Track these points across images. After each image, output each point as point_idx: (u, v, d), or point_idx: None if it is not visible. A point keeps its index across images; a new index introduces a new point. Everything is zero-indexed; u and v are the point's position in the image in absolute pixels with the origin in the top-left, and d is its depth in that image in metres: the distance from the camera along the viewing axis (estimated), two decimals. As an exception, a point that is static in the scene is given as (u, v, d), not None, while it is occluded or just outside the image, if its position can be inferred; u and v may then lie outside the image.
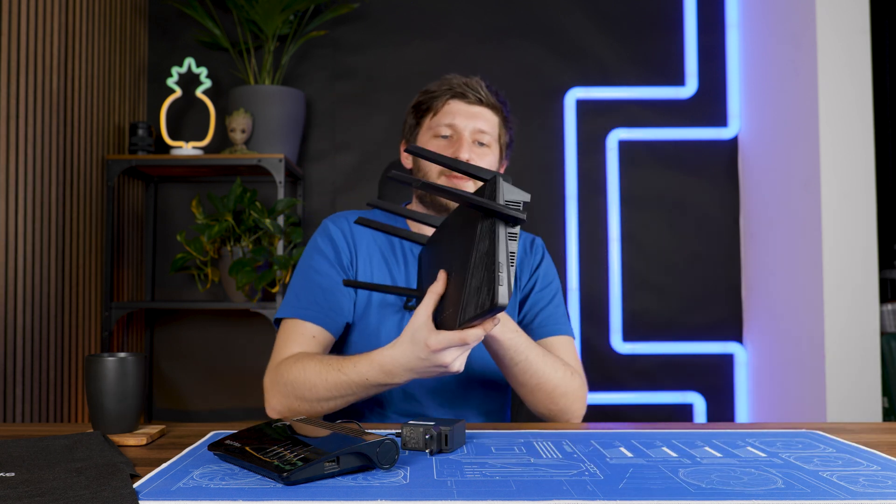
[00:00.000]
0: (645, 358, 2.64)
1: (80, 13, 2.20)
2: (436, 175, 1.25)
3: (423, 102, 1.31)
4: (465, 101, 1.27)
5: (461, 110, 1.27)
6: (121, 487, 0.72)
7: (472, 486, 0.75)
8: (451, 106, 1.27)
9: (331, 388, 1.09)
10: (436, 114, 1.28)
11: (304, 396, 1.12)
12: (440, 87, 1.29)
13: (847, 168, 2.07)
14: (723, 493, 0.72)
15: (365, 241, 1.29)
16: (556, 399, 1.18)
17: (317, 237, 1.30)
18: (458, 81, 1.28)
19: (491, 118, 1.29)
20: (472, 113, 1.27)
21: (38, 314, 1.98)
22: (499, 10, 2.70)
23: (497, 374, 1.29)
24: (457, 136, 1.26)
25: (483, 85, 1.29)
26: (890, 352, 2.21)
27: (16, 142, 1.88)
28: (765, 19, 2.48)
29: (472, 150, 1.25)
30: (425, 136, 1.29)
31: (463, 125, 1.26)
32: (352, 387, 1.08)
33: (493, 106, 1.30)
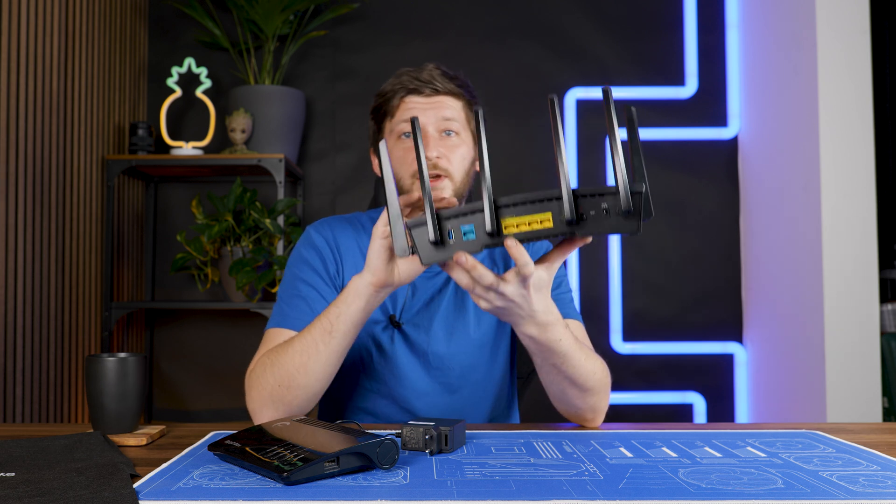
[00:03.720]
0: (645, 358, 2.64)
1: (80, 13, 2.20)
2: (409, 180, 1.18)
3: (380, 106, 1.24)
4: (422, 95, 1.20)
5: (419, 104, 1.19)
6: (121, 487, 0.72)
7: (472, 486, 0.75)
8: (407, 104, 1.20)
9: (303, 335, 1.04)
10: (394, 115, 1.21)
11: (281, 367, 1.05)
12: (393, 86, 1.21)
13: (847, 168, 2.07)
14: (723, 493, 0.72)
15: (350, 249, 1.25)
16: (587, 397, 1.08)
17: (300, 247, 1.25)
18: (409, 77, 1.21)
19: (453, 105, 1.21)
20: (432, 104, 1.19)
21: (38, 314, 1.98)
22: (499, 10, 2.70)
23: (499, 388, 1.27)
24: (421, 134, 1.19)
25: (437, 73, 1.21)
26: (890, 352, 2.21)
27: (16, 142, 1.88)
28: (765, 19, 2.48)
29: (441, 143, 1.18)
30: (389, 140, 1.22)
31: (424, 120, 1.18)
32: (319, 318, 1.03)
33: (453, 92, 1.21)
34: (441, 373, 1.23)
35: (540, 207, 0.82)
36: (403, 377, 1.22)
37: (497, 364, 1.27)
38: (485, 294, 0.89)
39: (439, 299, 1.23)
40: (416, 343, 1.22)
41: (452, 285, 1.25)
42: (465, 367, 1.23)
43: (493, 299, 0.89)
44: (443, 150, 1.18)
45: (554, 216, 0.82)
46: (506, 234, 0.83)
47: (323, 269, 1.22)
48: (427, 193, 0.85)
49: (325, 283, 1.21)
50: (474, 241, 0.84)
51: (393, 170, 1.19)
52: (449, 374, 1.23)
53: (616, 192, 0.81)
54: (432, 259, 0.86)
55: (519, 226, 0.83)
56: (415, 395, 1.22)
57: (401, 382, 1.22)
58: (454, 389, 1.24)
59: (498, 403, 1.29)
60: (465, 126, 1.23)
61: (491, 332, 1.25)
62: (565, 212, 0.81)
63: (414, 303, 1.23)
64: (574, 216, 0.81)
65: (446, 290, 1.24)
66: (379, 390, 1.23)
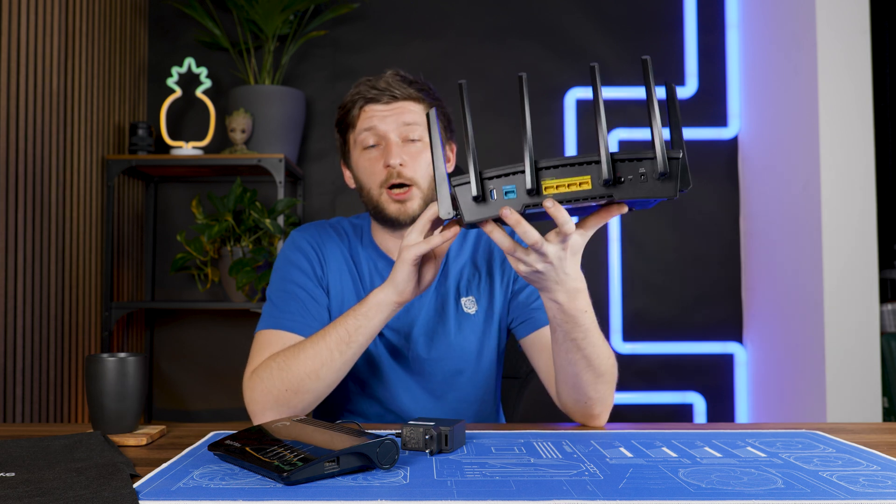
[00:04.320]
0: (645, 358, 2.64)
1: (80, 13, 2.20)
2: (377, 190, 1.19)
3: (342, 119, 1.24)
4: (381, 103, 1.19)
5: (378, 113, 1.19)
6: (121, 487, 0.72)
7: (472, 486, 0.75)
8: (366, 112, 1.20)
9: (316, 341, 1.05)
10: (355, 126, 1.21)
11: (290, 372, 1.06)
12: (352, 97, 1.22)
13: (847, 168, 2.07)
14: (723, 493, 0.72)
15: (333, 254, 1.26)
16: (599, 384, 1.08)
17: (287, 250, 1.26)
18: (366, 87, 1.20)
19: (414, 109, 1.20)
20: (392, 111, 1.19)
21: (38, 314, 1.98)
22: (499, 10, 2.70)
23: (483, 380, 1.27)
24: (384, 143, 1.19)
25: (395, 80, 1.21)
26: (890, 352, 2.21)
27: (16, 142, 1.88)
28: (765, 19, 2.48)
29: (404, 150, 1.18)
30: (355, 151, 1.23)
31: (385, 128, 1.19)
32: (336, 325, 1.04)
33: (412, 97, 1.21)
34: (424, 378, 1.23)
35: (579, 170, 0.84)
36: (388, 381, 1.23)
37: (481, 370, 1.26)
38: (525, 257, 0.89)
39: (419, 306, 1.24)
40: (398, 348, 1.23)
41: (432, 291, 1.25)
42: (447, 372, 1.23)
43: (533, 261, 0.89)
44: (406, 157, 1.18)
45: (593, 179, 0.83)
46: (545, 194, 0.84)
47: (311, 271, 1.23)
48: (472, 151, 0.85)
49: (315, 285, 1.22)
50: (515, 201, 0.85)
51: (362, 181, 1.21)
52: (431, 380, 1.23)
53: (654, 158, 0.83)
54: (475, 216, 0.86)
55: (558, 187, 0.84)
56: (400, 397, 1.23)
57: (385, 386, 1.23)
58: (438, 395, 1.24)
59: (483, 407, 1.29)
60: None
61: (473, 338, 1.24)
62: (603, 172, 0.82)
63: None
64: (612, 177, 0.82)
65: (426, 297, 1.24)
66: (366, 392, 1.24)
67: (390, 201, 1.19)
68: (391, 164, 1.17)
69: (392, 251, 1.25)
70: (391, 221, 1.20)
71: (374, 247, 1.27)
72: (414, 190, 1.18)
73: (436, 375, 1.23)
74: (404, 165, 1.17)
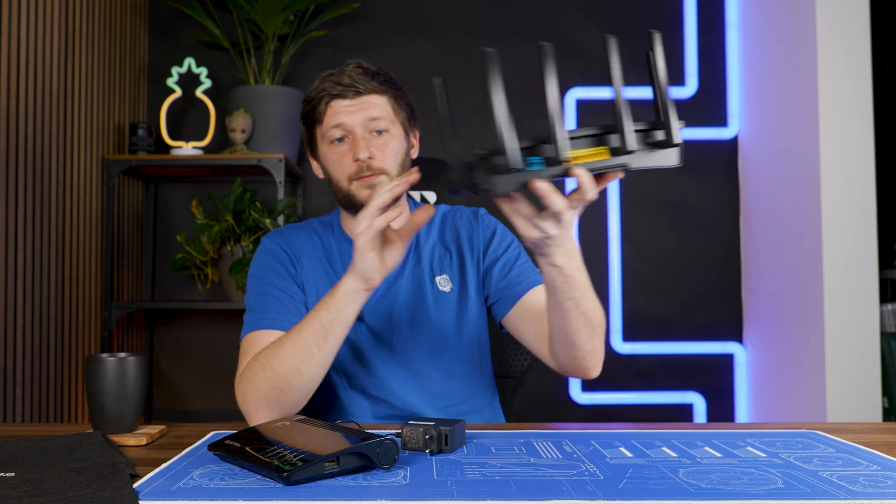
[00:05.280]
0: (645, 358, 2.64)
1: (80, 13, 2.20)
2: (347, 182, 1.21)
3: (307, 114, 1.26)
4: (346, 98, 1.22)
5: (344, 108, 1.22)
6: (121, 487, 0.72)
7: (472, 486, 0.75)
8: (333, 108, 1.23)
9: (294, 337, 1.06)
10: (322, 121, 1.24)
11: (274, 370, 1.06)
12: (317, 92, 1.24)
13: (847, 168, 2.07)
14: (723, 493, 0.72)
15: (305, 251, 1.28)
16: (594, 338, 1.12)
17: (258, 257, 1.28)
18: (331, 82, 1.23)
19: (378, 102, 1.24)
20: (357, 106, 1.22)
21: (38, 314, 1.98)
22: (499, 10, 2.70)
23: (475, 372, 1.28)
24: (351, 137, 1.22)
25: (358, 73, 1.24)
26: (890, 352, 2.21)
27: (16, 142, 1.88)
28: (765, 19, 2.48)
29: (372, 143, 1.21)
30: (322, 145, 1.25)
31: (351, 122, 1.21)
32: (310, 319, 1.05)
33: (376, 90, 1.24)
34: (407, 359, 1.25)
35: (596, 141, 0.90)
36: (371, 367, 1.24)
37: (463, 345, 1.28)
38: (542, 222, 0.92)
39: (396, 288, 1.26)
40: (380, 333, 1.25)
41: (407, 273, 1.28)
42: (430, 350, 1.25)
43: (549, 227, 0.93)
44: (374, 149, 1.21)
45: (610, 149, 0.90)
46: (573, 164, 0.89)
47: (284, 270, 1.25)
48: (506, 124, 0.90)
49: (290, 283, 1.24)
50: (542, 171, 0.88)
51: (331, 174, 1.24)
52: (416, 360, 1.25)
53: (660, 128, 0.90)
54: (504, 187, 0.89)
55: (579, 158, 0.89)
56: (386, 381, 1.24)
57: (371, 373, 1.24)
58: (424, 374, 1.25)
59: (469, 383, 1.29)
60: (394, 120, 1.25)
61: (451, 314, 1.27)
62: (627, 143, 0.87)
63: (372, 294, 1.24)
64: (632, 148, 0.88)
65: (402, 279, 1.27)
66: (351, 384, 1.25)
67: (360, 187, 1.21)
68: (360, 159, 1.20)
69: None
70: (360, 207, 1.21)
71: (346, 237, 1.30)
72: (382, 176, 1.21)
73: (420, 354, 1.25)
74: (373, 158, 1.21)
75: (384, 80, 1.27)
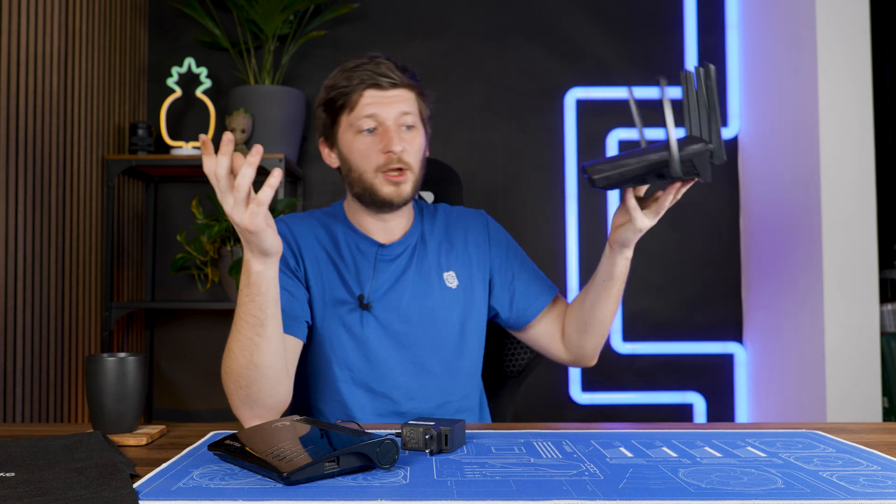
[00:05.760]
0: (645, 358, 2.64)
1: (80, 13, 2.20)
2: (371, 173, 1.21)
3: (336, 99, 1.24)
4: (381, 89, 1.22)
5: (379, 99, 1.21)
6: (121, 487, 0.72)
7: (472, 486, 0.75)
8: (367, 98, 1.21)
9: (234, 333, 1.04)
10: (353, 109, 1.22)
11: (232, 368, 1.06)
12: (350, 80, 1.22)
13: (847, 168, 2.07)
14: (723, 493, 0.72)
15: (309, 243, 1.26)
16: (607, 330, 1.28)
17: None
18: (368, 72, 1.22)
19: (409, 97, 1.24)
20: (391, 98, 1.22)
21: (38, 314, 1.98)
22: (499, 10, 2.70)
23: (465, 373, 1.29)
24: (382, 129, 1.21)
25: (392, 65, 1.24)
26: (890, 352, 2.21)
27: (16, 141, 1.88)
28: (765, 19, 2.48)
29: (402, 137, 1.21)
30: (347, 133, 1.23)
31: (385, 115, 1.21)
32: (238, 313, 1.03)
33: (408, 85, 1.24)
34: (411, 351, 1.25)
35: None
36: (375, 359, 1.23)
37: (466, 343, 1.29)
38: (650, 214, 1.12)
39: (404, 281, 1.26)
40: (386, 323, 1.24)
41: (414, 266, 1.28)
42: (435, 345, 1.26)
43: (653, 219, 1.13)
44: (405, 144, 1.22)
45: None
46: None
47: (283, 263, 1.23)
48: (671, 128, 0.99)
49: (288, 276, 1.22)
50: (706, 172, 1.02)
51: (354, 164, 1.24)
52: (420, 353, 1.25)
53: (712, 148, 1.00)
54: (709, 177, 1.01)
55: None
56: (389, 377, 1.24)
57: (373, 365, 1.24)
58: (427, 369, 1.25)
59: (470, 381, 1.31)
60: (419, 117, 1.26)
61: (456, 311, 1.28)
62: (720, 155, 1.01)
63: (379, 284, 1.25)
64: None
65: (409, 271, 1.27)
66: (352, 378, 1.24)
67: (386, 183, 1.21)
68: (393, 151, 1.19)
69: (371, 231, 1.28)
70: (381, 203, 1.23)
71: (351, 226, 1.29)
72: (409, 174, 1.22)
73: (426, 349, 1.25)
74: (404, 151, 1.21)
75: (412, 75, 1.27)
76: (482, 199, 2.62)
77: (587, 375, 2.61)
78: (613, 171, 1.04)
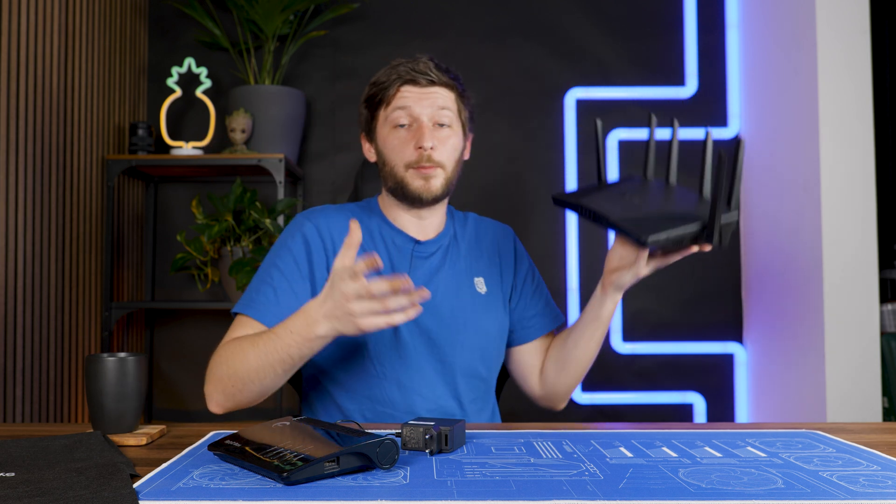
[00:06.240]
0: (645, 358, 2.64)
1: (80, 13, 2.20)
2: (403, 168, 1.22)
3: (375, 94, 1.26)
4: (417, 86, 1.23)
5: (414, 95, 1.23)
6: (121, 487, 0.72)
7: (472, 486, 0.75)
8: (403, 93, 1.23)
9: (261, 355, 1.07)
10: (389, 104, 1.24)
11: (236, 372, 1.09)
12: (389, 76, 1.25)
13: (847, 168, 2.07)
14: (723, 493, 0.72)
15: (343, 236, 1.25)
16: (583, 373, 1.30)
17: (287, 234, 1.26)
18: (406, 67, 1.24)
19: (447, 95, 1.25)
20: (427, 95, 1.23)
21: (38, 314, 1.98)
22: (499, 10, 2.70)
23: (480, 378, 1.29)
24: (416, 125, 1.22)
25: (432, 65, 1.25)
26: (890, 352, 2.21)
27: (16, 141, 1.88)
28: (765, 19, 2.48)
29: (434, 135, 1.22)
30: (384, 128, 1.25)
31: (419, 111, 1.22)
32: (278, 346, 1.06)
33: (447, 84, 1.25)
34: (443, 351, 1.24)
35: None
36: (406, 355, 1.23)
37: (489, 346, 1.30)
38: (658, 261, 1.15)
39: (437, 278, 1.27)
40: (418, 319, 1.23)
41: (447, 267, 1.28)
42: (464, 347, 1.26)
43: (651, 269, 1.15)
44: (436, 141, 1.22)
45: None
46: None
47: (305, 260, 1.23)
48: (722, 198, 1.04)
49: (301, 276, 1.22)
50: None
51: (387, 158, 1.25)
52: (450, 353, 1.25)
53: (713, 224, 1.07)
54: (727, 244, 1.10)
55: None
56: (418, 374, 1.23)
57: (404, 361, 1.23)
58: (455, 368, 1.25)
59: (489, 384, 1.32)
60: (457, 117, 1.27)
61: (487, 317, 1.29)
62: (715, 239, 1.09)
63: (414, 280, 1.24)
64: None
65: (442, 271, 1.28)
66: (383, 373, 1.23)
67: (416, 177, 1.22)
68: (423, 147, 1.20)
69: (406, 227, 1.28)
70: (412, 198, 1.24)
71: (387, 220, 1.29)
72: (439, 170, 1.23)
73: (455, 348, 1.25)
74: (434, 149, 1.21)
75: (453, 76, 1.28)
76: (482, 199, 2.62)
77: (587, 375, 2.60)
78: (664, 237, 1.06)
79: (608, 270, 1.18)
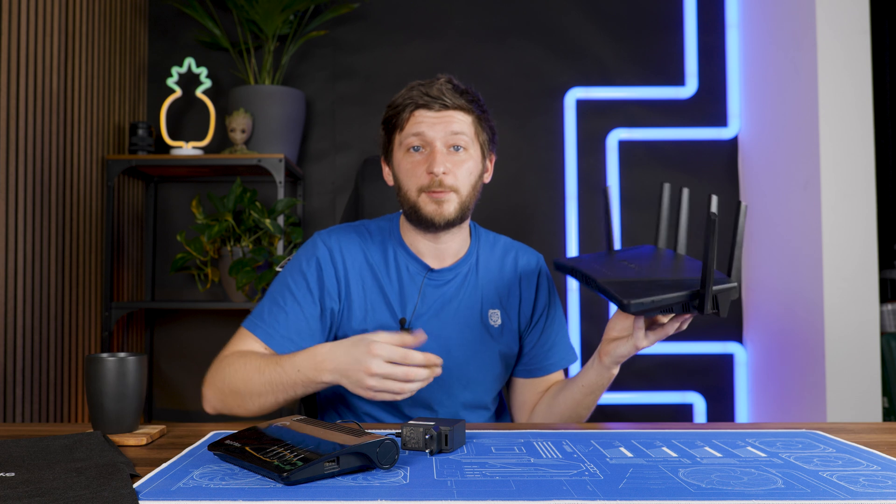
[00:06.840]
0: (645, 358, 2.64)
1: (80, 13, 2.20)
2: (416, 193, 1.21)
3: (391, 118, 1.25)
4: (431, 110, 1.21)
5: (428, 119, 1.21)
6: (121, 487, 0.72)
7: (472, 486, 0.75)
8: (416, 117, 1.21)
9: (265, 383, 1.11)
10: (403, 128, 1.22)
11: (237, 389, 1.14)
12: (404, 99, 1.23)
13: (847, 168, 2.07)
14: (723, 493, 0.72)
15: (356, 262, 1.26)
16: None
17: (302, 255, 1.26)
18: (419, 91, 1.22)
19: (462, 119, 1.22)
20: (441, 119, 1.21)
21: (38, 314, 1.98)
22: (499, 10, 2.70)
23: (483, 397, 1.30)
24: (429, 149, 1.20)
25: (447, 88, 1.22)
26: (890, 352, 2.21)
27: (16, 142, 1.88)
28: (765, 19, 2.48)
29: (448, 159, 1.20)
30: (398, 152, 1.24)
31: (433, 135, 1.20)
32: (283, 379, 1.10)
33: (462, 107, 1.22)
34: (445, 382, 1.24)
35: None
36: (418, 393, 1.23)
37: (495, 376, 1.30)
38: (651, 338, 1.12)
39: (449, 309, 1.26)
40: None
41: (462, 296, 1.27)
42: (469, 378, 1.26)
43: (652, 342, 1.12)
44: (450, 165, 1.20)
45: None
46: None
47: (317, 285, 1.23)
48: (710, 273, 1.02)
49: (313, 302, 1.22)
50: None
51: (401, 182, 1.23)
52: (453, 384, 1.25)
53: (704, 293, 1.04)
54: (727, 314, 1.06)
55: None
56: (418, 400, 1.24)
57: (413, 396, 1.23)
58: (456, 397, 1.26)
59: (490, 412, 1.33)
60: (474, 140, 1.24)
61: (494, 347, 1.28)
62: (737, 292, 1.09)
63: (424, 309, 1.24)
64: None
65: (458, 299, 1.27)
66: (386, 403, 1.25)
67: (428, 201, 1.20)
68: (435, 172, 1.19)
69: (422, 253, 1.27)
70: (426, 222, 1.22)
71: (404, 245, 1.28)
72: (452, 194, 1.21)
73: (461, 380, 1.26)
74: (447, 173, 1.20)
75: (471, 98, 1.25)
76: (481, 200, 2.61)
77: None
78: (649, 301, 1.02)
79: (606, 340, 1.16)
